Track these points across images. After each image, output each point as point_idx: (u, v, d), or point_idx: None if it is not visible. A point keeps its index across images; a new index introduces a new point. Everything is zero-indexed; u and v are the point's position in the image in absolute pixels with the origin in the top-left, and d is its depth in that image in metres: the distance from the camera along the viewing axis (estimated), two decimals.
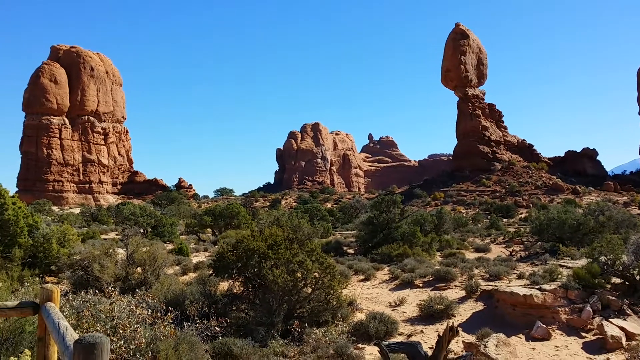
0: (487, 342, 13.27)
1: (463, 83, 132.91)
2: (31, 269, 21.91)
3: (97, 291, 13.59)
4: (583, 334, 15.07)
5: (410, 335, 15.55)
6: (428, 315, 17.28)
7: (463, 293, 19.84)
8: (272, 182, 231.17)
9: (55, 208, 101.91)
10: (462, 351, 13.46)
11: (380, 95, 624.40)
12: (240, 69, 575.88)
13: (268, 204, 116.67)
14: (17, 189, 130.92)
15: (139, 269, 20.15)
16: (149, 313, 12.07)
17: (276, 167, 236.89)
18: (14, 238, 24.30)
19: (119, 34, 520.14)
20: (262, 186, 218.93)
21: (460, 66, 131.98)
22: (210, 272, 18.22)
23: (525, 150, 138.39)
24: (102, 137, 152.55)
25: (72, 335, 3.49)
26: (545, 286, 17.12)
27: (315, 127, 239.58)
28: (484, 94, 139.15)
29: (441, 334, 10.67)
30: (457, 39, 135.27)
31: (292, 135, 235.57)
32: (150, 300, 13.26)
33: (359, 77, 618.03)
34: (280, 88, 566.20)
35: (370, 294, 21.39)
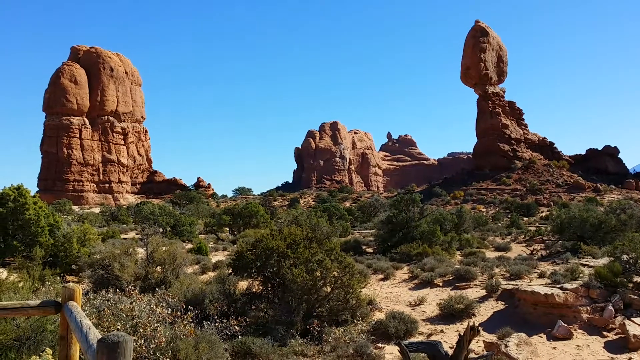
0: (508, 341, 13.12)
1: (483, 81, 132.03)
2: (52, 268, 22.12)
3: (117, 290, 13.65)
4: (605, 333, 14.86)
5: (430, 335, 15.44)
6: (448, 314, 17.14)
7: (483, 292, 19.66)
8: (290, 181, 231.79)
9: (75, 208, 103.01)
10: (482, 351, 13.32)
11: (399, 94, 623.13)
12: (259, 68, 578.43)
13: (286, 203, 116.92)
14: (37, 189, 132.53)
15: (158, 268, 20.26)
16: (169, 312, 12.11)
17: (295, 166, 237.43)
18: (35, 237, 24.59)
19: (139, 33, 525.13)
20: (280, 185, 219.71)
21: (480, 64, 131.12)
22: (230, 271, 18.25)
23: (546, 148, 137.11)
24: (122, 137, 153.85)
25: (95, 334, 3.48)
26: (567, 285, 16.90)
27: (334, 126, 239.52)
28: (504, 92, 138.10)
29: (462, 334, 10.56)
30: (477, 37, 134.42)
31: (310, 134, 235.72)
32: (170, 299, 13.30)
33: (378, 75, 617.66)
34: (299, 87, 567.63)
35: (390, 293, 21.29)
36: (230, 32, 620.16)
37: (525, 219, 69.96)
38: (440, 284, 21.86)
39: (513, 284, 19.34)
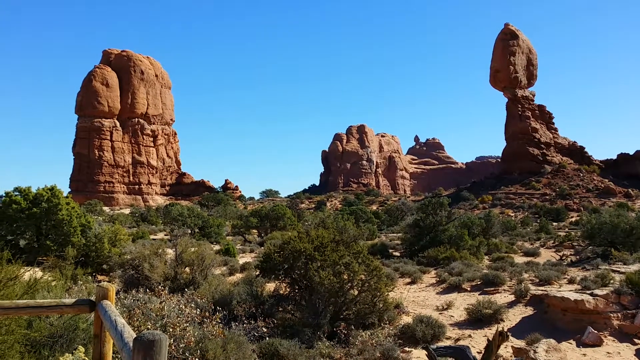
0: (537, 347, 12.98)
1: (512, 84, 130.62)
2: (84, 268, 22.49)
3: (147, 290, 13.84)
4: (636, 340, 14.62)
5: (458, 340, 15.34)
6: (476, 319, 17.02)
7: (512, 297, 19.48)
8: (317, 184, 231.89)
9: (106, 208, 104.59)
10: (511, 356, 13.21)
11: (427, 97, 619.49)
12: (288, 72, 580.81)
13: (313, 205, 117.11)
14: (69, 190, 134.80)
15: (187, 269, 20.48)
16: (198, 312, 12.24)
17: (321, 169, 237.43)
18: (67, 237, 25.06)
19: (169, 37, 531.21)
20: (307, 188, 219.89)
21: (509, 67, 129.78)
22: (257, 273, 18.37)
23: (576, 152, 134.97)
24: (152, 139, 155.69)
25: (129, 333, 3.56)
26: (597, 291, 16.67)
27: (361, 129, 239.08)
28: (533, 95, 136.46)
29: (490, 339, 10.49)
30: (507, 40, 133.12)
31: (337, 137, 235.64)
32: (198, 300, 13.45)
33: (405, 79, 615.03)
34: (327, 90, 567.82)
35: (417, 297, 21.20)
36: (259, 35, 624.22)
37: (554, 224, 68.97)
38: (468, 289, 21.71)
39: (542, 290, 19.14)
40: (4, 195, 26.17)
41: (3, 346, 6.29)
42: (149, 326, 10.87)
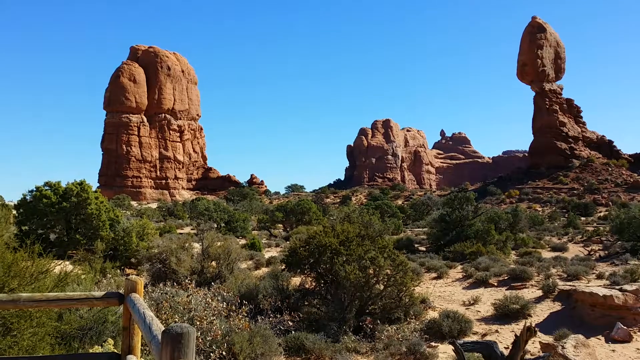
0: (565, 343, 12.82)
1: (540, 77, 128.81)
2: (112, 261, 22.79)
3: (174, 283, 13.99)
4: None
5: (484, 335, 15.23)
6: (503, 314, 16.90)
7: (539, 293, 19.30)
8: (342, 178, 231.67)
9: (133, 203, 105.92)
10: (539, 352, 13.07)
11: (452, 91, 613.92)
12: (313, 67, 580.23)
13: (338, 200, 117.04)
14: (98, 185, 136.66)
15: (213, 263, 20.65)
16: (224, 306, 12.33)
17: (346, 163, 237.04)
18: (96, 231, 25.45)
19: (195, 33, 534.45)
20: (332, 183, 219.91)
21: (536, 60, 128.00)
22: (283, 267, 18.44)
23: (605, 146, 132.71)
24: (178, 134, 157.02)
25: (158, 326, 3.59)
26: (626, 287, 16.41)
27: (386, 124, 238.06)
28: (561, 89, 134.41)
29: (518, 334, 10.38)
30: (534, 33, 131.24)
31: (362, 131, 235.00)
32: (225, 294, 13.54)
33: (431, 73, 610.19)
34: (352, 85, 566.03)
35: (443, 292, 21.10)
36: (285, 31, 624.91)
37: (582, 218, 67.94)
38: (495, 284, 21.53)
39: (570, 285, 18.92)
40: (34, 189, 26.62)
41: (34, 338, 6.41)
42: (177, 319, 10.99)
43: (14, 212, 27.59)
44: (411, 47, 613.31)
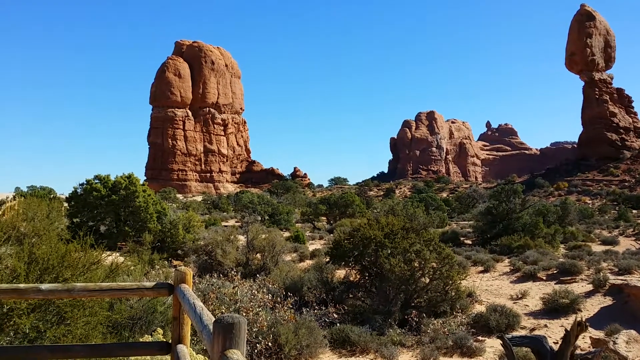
0: (616, 338, 12.47)
1: (589, 67, 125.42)
2: (160, 253, 23.20)
3: (220, 275, 14.17)
4: None
5: (533, 329, 14.94)
6: (552, 309, 16.55)
7: (590, 287, 18.83)
8: (385, 171, 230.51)
9: (179, 196, 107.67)
10: (589, 347, 12.74)
11: (499, 82, 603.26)
12: (357, 60, 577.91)
13: (382, 193, 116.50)
14: (145, 178, 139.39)
15: (258, 255, 20.84)
16: (270, 298, 12.42)
17: (390, 156, 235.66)
18: (144, 223, 25.95)
19: (239, 26, 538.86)
20: (375, 175, 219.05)
21: (585, 49, 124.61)
22: (327, 259, 18.45)
23: None
24: (222, 128, 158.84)
25: (208, 316, 3.61)
26: None
27: (430, 116, 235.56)
28: (611, 78, 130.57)
29: (568, 329, 10.13)
30: (583, 21, 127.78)
31: (406, 124, 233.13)
32: (270, 286, 13.64)
33: (477, 64, 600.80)
34: (396, 77, 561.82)
35: (490, 285, 20.79)
36: (327, 24, 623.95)
37: (634, 211, 65.93)
38: (544, 278, 21.10)
39: (622, 279, 18.41)
40: (85, 183, 27.31)
41: (88, 327, 6.56)
42: (223, 310, 11.11)
43: (66, 204, 28.40)
44: (456, 38, 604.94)
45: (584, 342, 13.23)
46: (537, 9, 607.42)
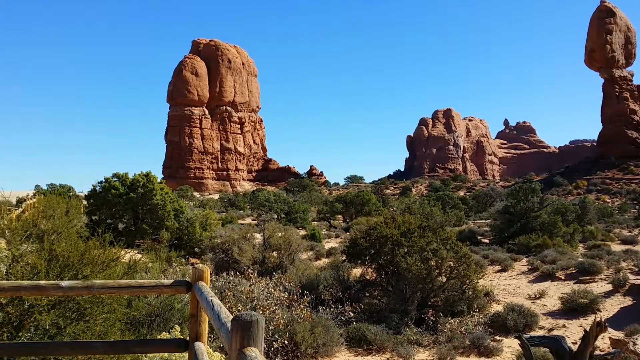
0: (636, 339, 12.33)
1: (609, 64, 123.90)
2: (177, 251, 23.36)
3: (236, 273, 14.22)
4: None
5: (551, 330, 14.82)
6: (571, 309, 16.41)
7: (609, 287, 18.65)
8: (402, 169, 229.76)
9: (196, 194, 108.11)
10: (608, 348, 12.61)
11: (517, 79, 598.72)
12: (372, 58, 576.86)
13: (398, 191, 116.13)
14: (162, 176, 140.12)
15: (274, 253, 20.89)
16: (286, 296, 12.45)
17: (406, 154, 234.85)
18: (162, 221, 26.14)
19: (255, 25, 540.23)
20: (392, 173, 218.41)
21: (605, 46, 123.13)
22: (343, 258, 18.45)
23: None
24: (239, 126, 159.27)
25: (226, 313, 3.63)
26: None
27: (447, 113, 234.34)
28: (632, 75, 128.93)
29: (587, 329, 10.03)
30: (603, 17, 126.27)
31: (422, 121, 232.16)
32: (286, 284, 13.68)
33: (494, 61, 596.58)
34: (412, 74, 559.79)
35: (508, 285, 20.66)
36: (343, 22, 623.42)
37: None
38: (562, 277, 20.92)
39: None
40: (104, 181, 27.55)
41: (106, 323, 6.62)
42: (240, 308, 11.16)
43: (85, 202, 28.69)
44: (474, 35, 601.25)
45: (603, 343, 13.12)
46: (556, 5, 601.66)
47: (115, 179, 27.49)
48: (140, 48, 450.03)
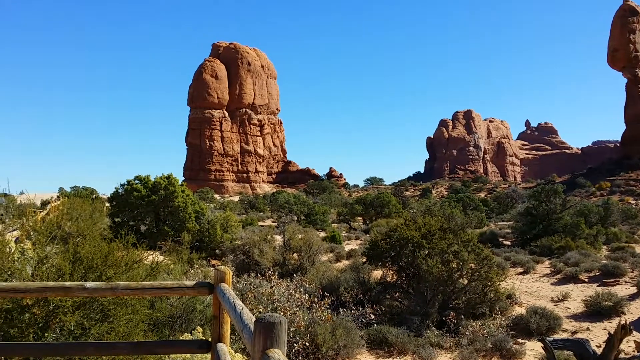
0: None
1: (632, 63, 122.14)
2: (198, 252, 23.51)
3: (257, 275, 14.28)
4: None
5: (575, 333, 14.64)
6: (594, 311, 16.18)
7: (634, 290, 18.40)
8: (422, 171, 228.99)
9: (216, 196, 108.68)
10: (633, 351, 12.43)
11: (538, 80, 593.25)
12: (392, 60, 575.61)
13: (418, 193, 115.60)
14: (183, 179, 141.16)
15: (295, 255, 20.93)
16: (307, 297, 12.47)
17: (426, 155, 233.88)
18: (183, 223, 26.32)
19: (275, 27, 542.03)
20: (412, 175, 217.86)
21: (629, 45, 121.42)
22: (364, 260, 18.42)
23: None
24: (258, 128, 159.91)
25: (248, 315, 3.65)
26: None
27: (468, 115, 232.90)
28: None
29: (611, 332, 9.91)
30: (626, 16, 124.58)
31: (443, 123, 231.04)
32: (307, 285, 13.71)
33: (515, 62, 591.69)
34: (432, 76, 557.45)
35: (530, 287, 20.46)
36: (363, 24, 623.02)
37: None
38: (586, 280, 20.67)
39: None
40: (126, 183, 27.82)
41: (130, 324, 6.69)
42: (261, 309, 11.21)
43: (108, 204, 29.00)
44: (495, 36, 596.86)
45: (627, 346, 12.92)
46: (578, 5, 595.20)
47: (137, 182, 27.74)
48: (161, 51, 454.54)
